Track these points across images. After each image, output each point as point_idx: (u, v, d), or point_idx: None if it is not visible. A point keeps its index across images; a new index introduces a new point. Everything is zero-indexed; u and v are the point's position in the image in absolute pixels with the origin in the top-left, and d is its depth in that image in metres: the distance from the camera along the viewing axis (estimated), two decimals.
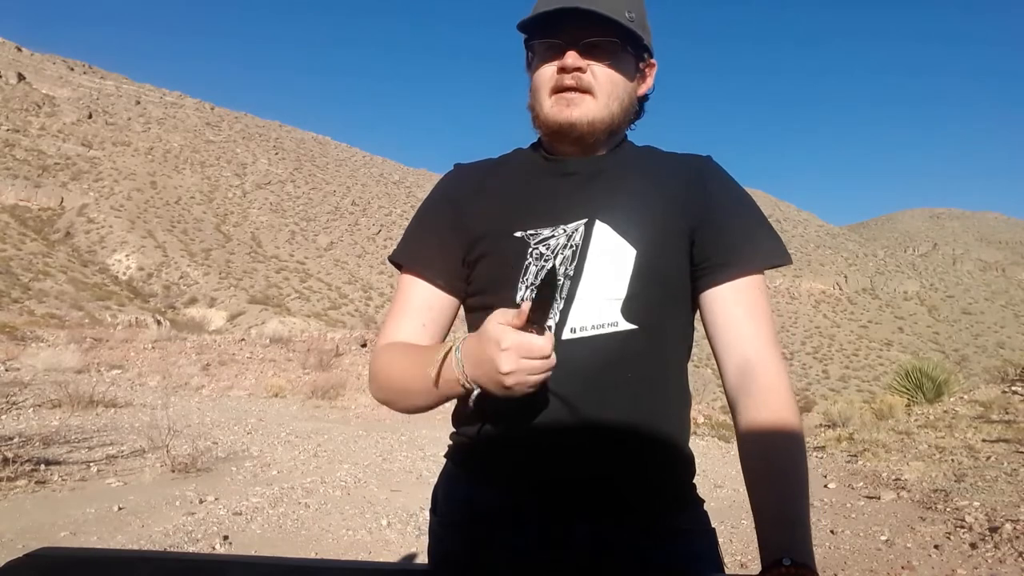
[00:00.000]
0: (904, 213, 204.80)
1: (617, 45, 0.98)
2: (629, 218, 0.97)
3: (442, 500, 1.06)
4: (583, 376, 0.92)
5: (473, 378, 0.84)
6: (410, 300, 1.06)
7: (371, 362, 1.05)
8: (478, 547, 0.97)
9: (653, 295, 0.95)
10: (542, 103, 1.00)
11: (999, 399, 8.62)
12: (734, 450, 8.62)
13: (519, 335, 0.79)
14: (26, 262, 62.36)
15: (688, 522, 0.98)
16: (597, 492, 0.93)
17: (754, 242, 0.99)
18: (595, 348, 0.93)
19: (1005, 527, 4.04)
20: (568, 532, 0.93)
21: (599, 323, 0.93)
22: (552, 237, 0.97)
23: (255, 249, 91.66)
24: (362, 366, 15.15)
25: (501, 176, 1.07)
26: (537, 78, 1.01)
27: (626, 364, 0.94)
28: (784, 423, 0.89)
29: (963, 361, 75.01)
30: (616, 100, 0.99)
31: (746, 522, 4.78)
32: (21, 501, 4.46)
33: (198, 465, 5.62)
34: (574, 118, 0.97)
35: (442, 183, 1.12)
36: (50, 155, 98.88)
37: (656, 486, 0.96)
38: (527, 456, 0.94)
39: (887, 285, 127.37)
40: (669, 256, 0.97)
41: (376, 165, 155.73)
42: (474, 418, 0.98)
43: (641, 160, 1.06)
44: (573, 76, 0.96)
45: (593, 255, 0.95)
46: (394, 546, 4.10)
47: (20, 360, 12.33)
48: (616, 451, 0.93)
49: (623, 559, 0.93)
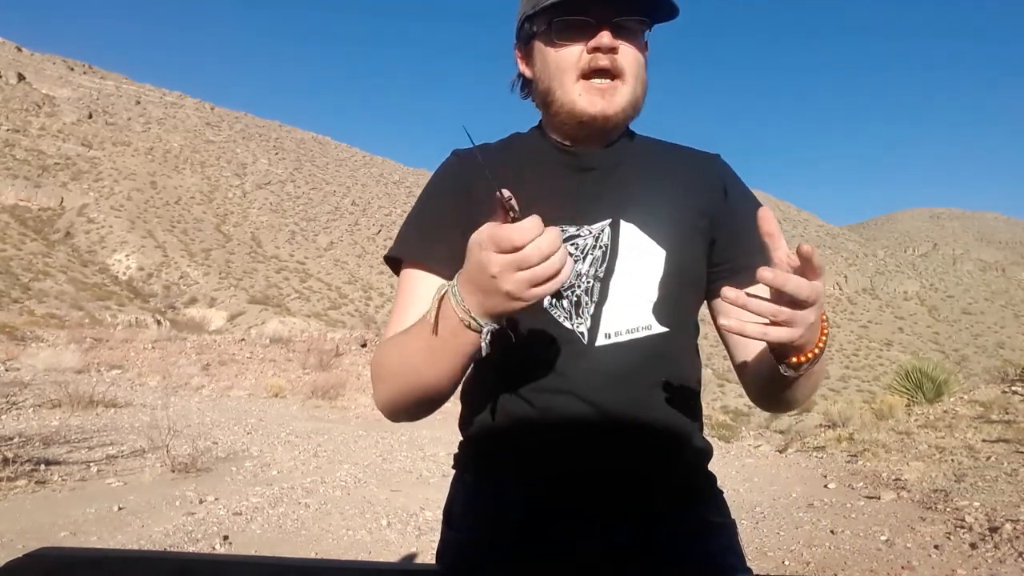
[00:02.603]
0: (904, 213, 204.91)
1: (646, 24, 0.93)
2: (655, 217, 0.95)
3: (459, 515, 1.00)
4: (615, 379, 0.91)
5: (477, 310, 0.74)
6: (417, 293, 0.95)
7: (371, 364, 0.95)
8: (504, 558, 0.93)
9: (680, 295, 0.95)
10: (567, 89, 0.92)
11: (999, 399, 8.61)
12: (734, 450, 8.65)
13: (490, 227, 0.69)
14: (26, 262, 62.34)
15: (715, 514, 1.00)
16: (631, 490, 0.92)
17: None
18: (630, 352, 0.91)
19: (1005, 527, 4.04)
20: (606, 533, 0.91)
21: (633, 327, 0.92)
22: (579, 236, 0.94)
23: (255, 249, 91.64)
24: (362, 366, 15.14)
25: (512, 166, 0.98)
26: (559, 59, 0.92)
27: (657, 366, 0.93)
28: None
29: (963, 361, 75.03)
30: (640, 82, 0.94)
31: (746, 522, 4.78)
32: (21, 501, 4.46)
33: (198, 465, 5.62)
34: (610, 111, 0.91)
35: (444, 172, 1.03)
36: (50, 155, 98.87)
37: (687, 481, 0.97)
38: (552, 461, 0.91)
39: (887, 285, 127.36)
40: (693, 255, 0.96)
41: (376, 165, 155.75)
42: (488, 423, 0.95)
43: (656, 154, 1.03)
44: (608, 57, 0.89)
45: (623, 256, 0.93)
46: (394, 546, 4.10)
47: (20, 360, 12.32)
48: (648, 449, 0.92)
49: (660, 556, 0.92)
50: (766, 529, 4.63)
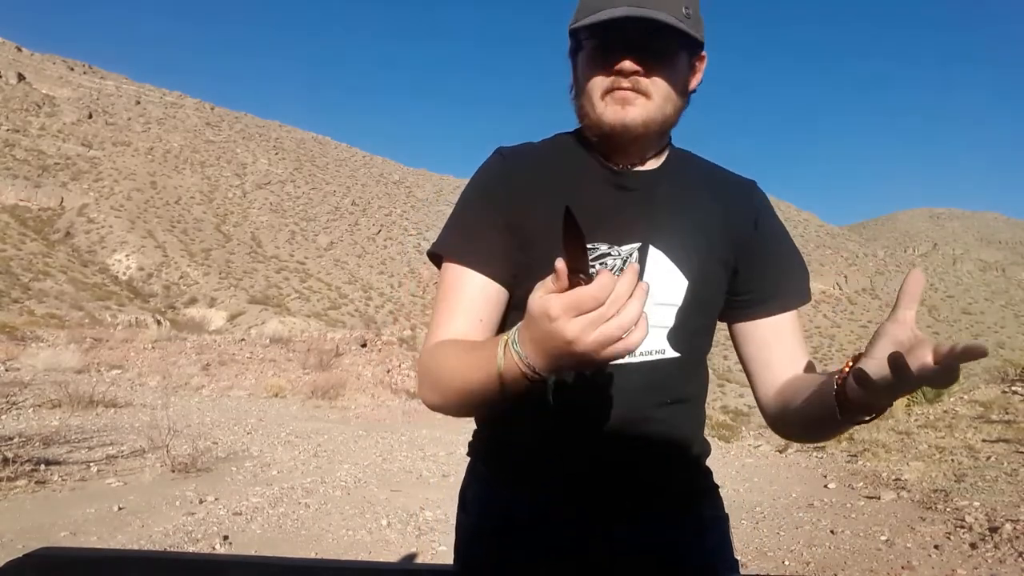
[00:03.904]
0: (904, 213, 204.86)
1: (674, 49, 0.95)
2: (683, 245, 0.99)
3: (472, 502, 1.07)
4: (626, 395, 0.96)
5: (541, 366, 0.74)
6: (464, 292, 0.97)
7: (421, 362, 0.96)
8: (513, 551, 0.99)
9: (698, 324, 1.01)
10: (594, 105, 0.96)
11: (999, 399, 8.61)
12: (734, 450, 8.65)
13: (564, 296, 0.67)
14: (26, 262, 62.35)
15: (711, 508, 1.07)
16: (634, 494, 0.98)
17: (795, 281, 1.05)
18: (642, 373, 0.97)
19: (1005, 527, 4.04)
20: (607, 534, 0.97)
21: (647, 350, 0.97)
22: (609, 255, 0.97)
23: (255, 249, 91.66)
24: (362, 366, 15.14)
25: (556, 176, 1.02)
26: (589, 78, 0.96)
27: (668, 387, 0.99)
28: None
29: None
30: (671, 102, 0.97)
31: (746, 522, 4.79)
32: (21, 501, 4.46)
33: (198, 465, 5.62)
34: (628, 120, 0.94)
35: (489, 170, 1.04)
36: (50, 155, 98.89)
37: (688, 485, 1.05)
38: (559, 462, 0.97)
39: (887, 285, 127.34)
40: (714, 287, 1.02)
41: (376, 165, 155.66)
42: (503, 423, 1.00)
43: (694, 179, 1.05)
44: (631, 80, 0.93)
45: (648, 281, 0.93)
46: (394, 546, 4.10)
47: (20, 360, 12.31)
48: (652, 457, 0.99)
49: (660, 554, 0.99)
50: (766, 529, 4.64)
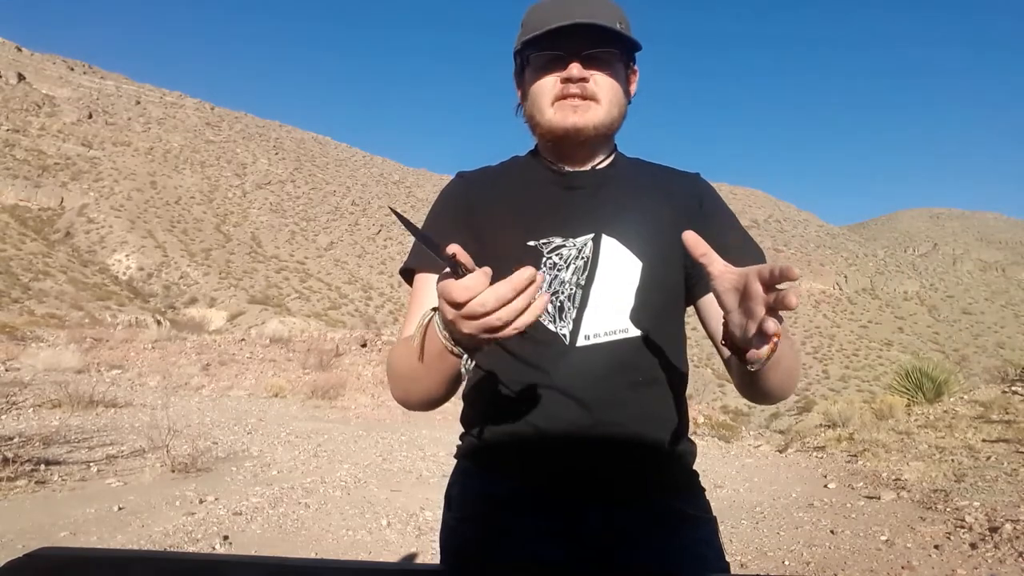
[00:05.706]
0: (904, 213, 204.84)
1: (615, 55, 1.03)
2: (635, 232, 1.05)
3: (457, 496, 1.10)
4: (595, 377, 0.99)
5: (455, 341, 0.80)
6: (426, 295, 1.05)
7: (386, 362, 1.05)
8: (494, 535, 1.02)
9: (657, 303, 1.04)
10: (543, 111, 1.04)
11: (999, 399, 8.62)
12: (734, 450, 8.66)
13: (444, 281, 0.73)
14: (26, 262, 62.39)
15: (694, 508, 1.06)
16: (607, 478, 0.99)
17: (744, 251, 1.08)
18: (607, 352, 1.01)
19: (1005, 527, 4.04)
20: (581, 517, 0.99)
21: (610, 330, 1.01)
22: (564, 247, 1.04)
23: (255, 249, 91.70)
24: (362, 366, 15.15)
25: (509, 185, 1.11)
26: (537, 88, 1.04)
27: (635, 366, 1.02)
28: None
29: (963, 361, 75.00)
30: (616, 106, 1.05)
31: (745, 522, 4.79)
32: (21, 501, 4.46)
33: (198, 465, 5.62)
34: (580, 124, 1.01)
35: (450, 191, 1.14)
36: (50, 155, 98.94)
37: (661, 472, 1.04)
38: (540, 449, 0.99)
39: (887, 285, 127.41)
40: (670, 267, 1.06)
41: (376, 165, 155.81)
42: (485, 417, 1.04)
43: (638, 174, 1.13)
44: (579, 86, 1.00)
45: (603, 267, 1.03)
46: (394, 546, 4.10)
47: (20, 360, 12.32)
48: (625, 443, 1.00)
49: (634, 542, 1.00)
50: (766, 529, 4.64)
